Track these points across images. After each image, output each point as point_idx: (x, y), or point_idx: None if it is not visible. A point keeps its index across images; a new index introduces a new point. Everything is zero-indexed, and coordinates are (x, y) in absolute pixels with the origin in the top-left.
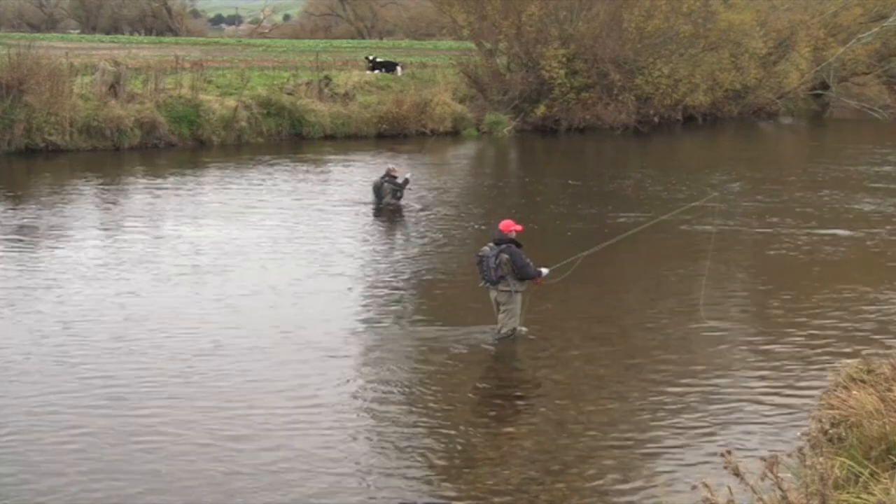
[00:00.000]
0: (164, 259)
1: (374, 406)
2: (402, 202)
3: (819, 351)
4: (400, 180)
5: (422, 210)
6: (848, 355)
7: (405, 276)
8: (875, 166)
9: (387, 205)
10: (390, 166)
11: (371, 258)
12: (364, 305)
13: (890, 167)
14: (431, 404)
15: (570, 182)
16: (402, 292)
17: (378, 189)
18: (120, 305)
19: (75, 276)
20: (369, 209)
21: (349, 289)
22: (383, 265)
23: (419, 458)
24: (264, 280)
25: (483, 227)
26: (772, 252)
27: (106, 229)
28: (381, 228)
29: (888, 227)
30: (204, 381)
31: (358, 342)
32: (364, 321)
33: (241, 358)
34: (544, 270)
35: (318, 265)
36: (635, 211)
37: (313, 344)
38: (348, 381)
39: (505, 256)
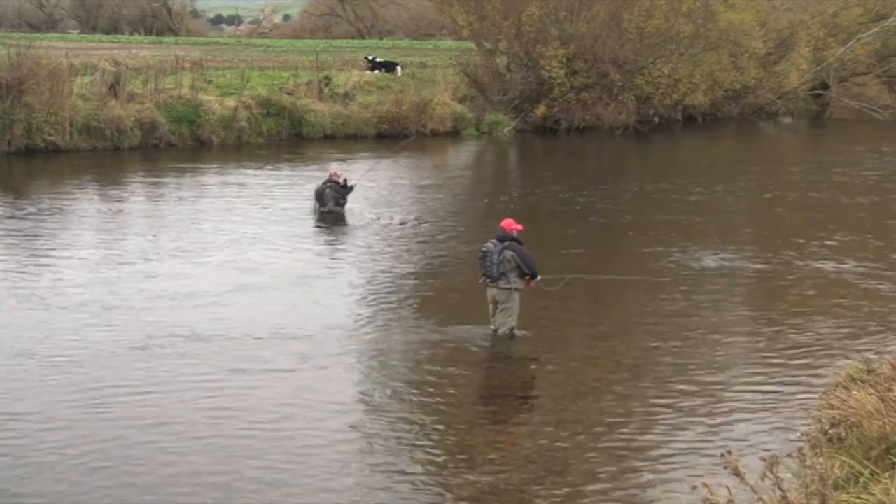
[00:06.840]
0: (162, 260)
1: (374, 406)
2: (374, 210)
3: (819, 351)
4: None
5: (420, 210)
6: (848, 355)
7: (404, 277)
8: (876, 169)
9: (329, 212)
10: (333, 171)
11: (369, 259)
12: (362, 306)
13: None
14: (431, 404)
15: (570, 183)
16: (401, 292)
17: (320, 195)
18: (117, 306)
19: (75, 276)
20: (348, 214)
21: (347, 289)
22: (382, 266)
23: (419, 458)
24: (259, 281)
25: (483, 227)
26: (772, 252)
27: (105, 230)
28: (376, 230)
29: (889, 229)
30: (203, 382)
31: (357, 343)
32: (363, 322)
33: (239, 358)
34: (539, 276)
35: (315, 266)
36: (633, 213)
37: (312, 345)
38: (347, 381)
39: (509, 253)
